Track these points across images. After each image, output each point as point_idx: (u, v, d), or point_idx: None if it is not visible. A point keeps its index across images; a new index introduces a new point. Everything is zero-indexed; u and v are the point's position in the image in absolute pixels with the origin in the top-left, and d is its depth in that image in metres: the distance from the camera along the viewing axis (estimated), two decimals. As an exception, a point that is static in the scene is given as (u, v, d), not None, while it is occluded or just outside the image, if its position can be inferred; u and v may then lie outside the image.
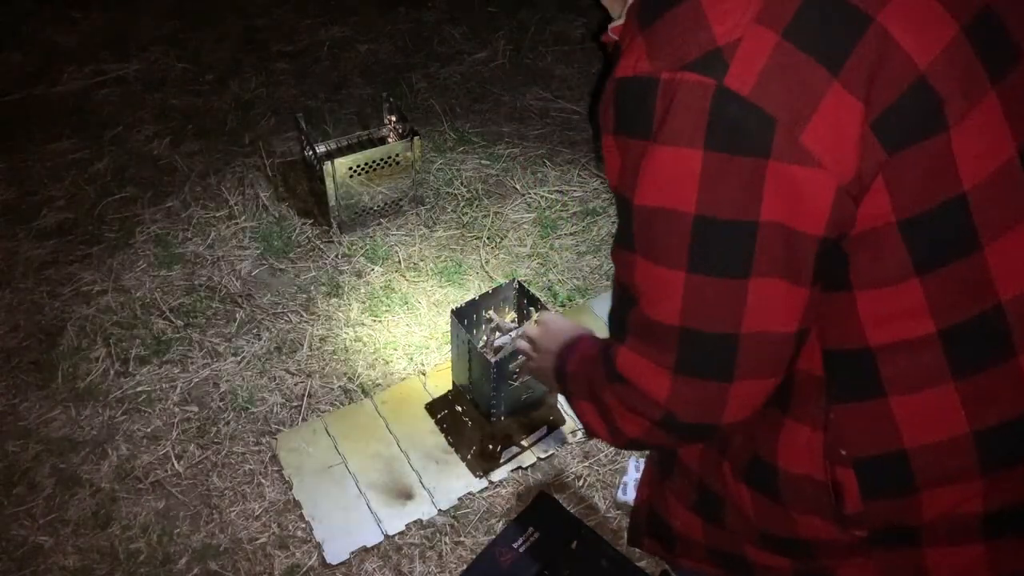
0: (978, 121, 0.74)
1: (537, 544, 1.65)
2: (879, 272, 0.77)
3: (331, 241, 2.32)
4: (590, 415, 0.97)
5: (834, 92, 0.71)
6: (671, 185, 0.75)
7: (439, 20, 3.22)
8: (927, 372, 0.79)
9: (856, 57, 0.71)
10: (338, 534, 1.70)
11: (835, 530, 0.89)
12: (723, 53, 0.71)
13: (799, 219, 0.73)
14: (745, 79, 0.70)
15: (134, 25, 3.18)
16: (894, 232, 0.75)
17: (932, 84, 0.72)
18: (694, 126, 0.72)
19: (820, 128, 0.71)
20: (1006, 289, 0.77)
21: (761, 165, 0.71)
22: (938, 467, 0.82)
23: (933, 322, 0.77)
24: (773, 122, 0.70)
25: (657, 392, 0.84)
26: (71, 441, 1.87)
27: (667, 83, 0.73)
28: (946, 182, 0.74)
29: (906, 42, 0.72)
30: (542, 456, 1.83)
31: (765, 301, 0.77)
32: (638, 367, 0.85)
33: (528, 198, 2.45)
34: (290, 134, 2.66)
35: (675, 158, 0.73)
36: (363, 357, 2.04)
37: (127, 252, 2.31)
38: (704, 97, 0.71)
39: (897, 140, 0.72)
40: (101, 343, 2.07)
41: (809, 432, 0.86)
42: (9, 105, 2.84)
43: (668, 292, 0.79)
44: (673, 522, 1.08)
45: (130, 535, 1.71)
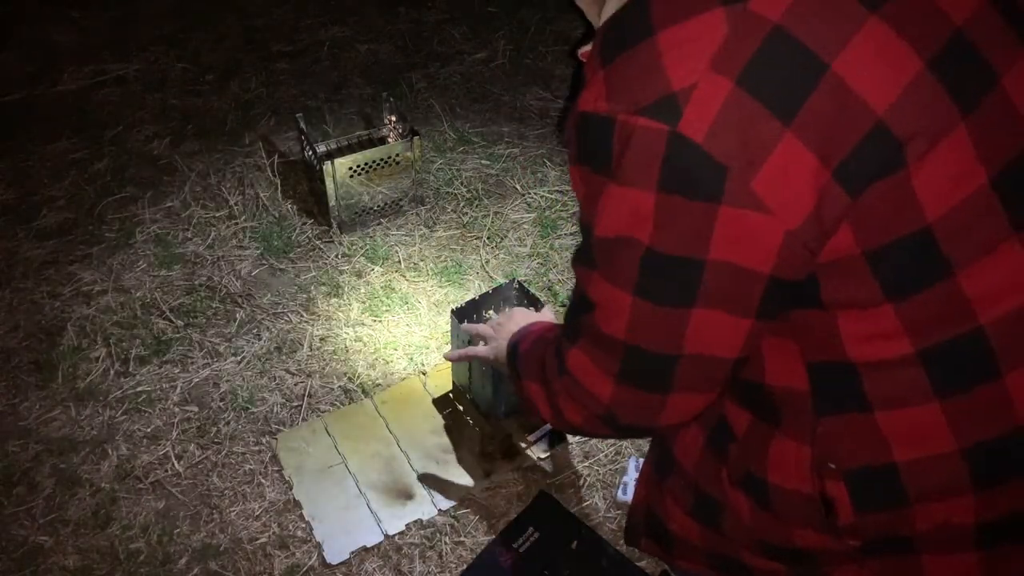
0: (942, 156, 0.74)
1: (537, 544, 1.65)
2: (851, 296, 0.77)
3: (331, 241, 2.32)
4: (537, 396, 1.03)
5: (786, 142, 0.71)
6: (627, 221, 0.77)
7: (439, 20, 3.22)
8: (909, 390, 0.79)
9: (810, 106, 0.71)
10: (338, 534, 1.70)
11: (829, 540, 0.89)
12: (677, 99, 0.71)
13: (746, 258, 0.75)
14: (698, 126, 0.71)
15: (134, 25, 3.19)
16: (861, 262, 0.75)
17: (890, 128, 0.72)
18: (648, 170, 0.73)
19: (770, 176, 0.71)
20: (986, 312, 0.77)
21: (712, 209, 0.73)
22: (928, 481, 0.82)
23: (911, 343, 0.78)
24: (725, 169, 0.71)
25: (600, 393, 0.90)
26: (71, 441, 1.87)
27: (623, 125, 0.74)
28: (908, 216, 0.74)
29: (862, 88, 0.72)
30: (542, 456, 1.83)
31: (706, 330, 0.80)
32: (586, 369, 0.90)
33: (528, 198, 2.46)
34: (290, 134, 2.66)
35: (631, 198, 0.76)
36: (363, 357, 2.04)
37: (127, 252, 2.31)
38: (658, 142, 0.72)
39: (858, 184, 0.72)
40: (101, 343, 2.07)
41: (796, 447, 0.87)
42: (9, 105, 2.84)
43: (617, 310, 0.83)
44: (670, 525, 1.08)
45: (130, 535, 1.71)
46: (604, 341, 0.86)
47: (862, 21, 0.73)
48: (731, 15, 0.72)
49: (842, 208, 0.73)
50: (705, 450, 0.99)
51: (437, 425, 1.89)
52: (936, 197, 0.74)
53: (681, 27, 0.73)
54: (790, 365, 0.84)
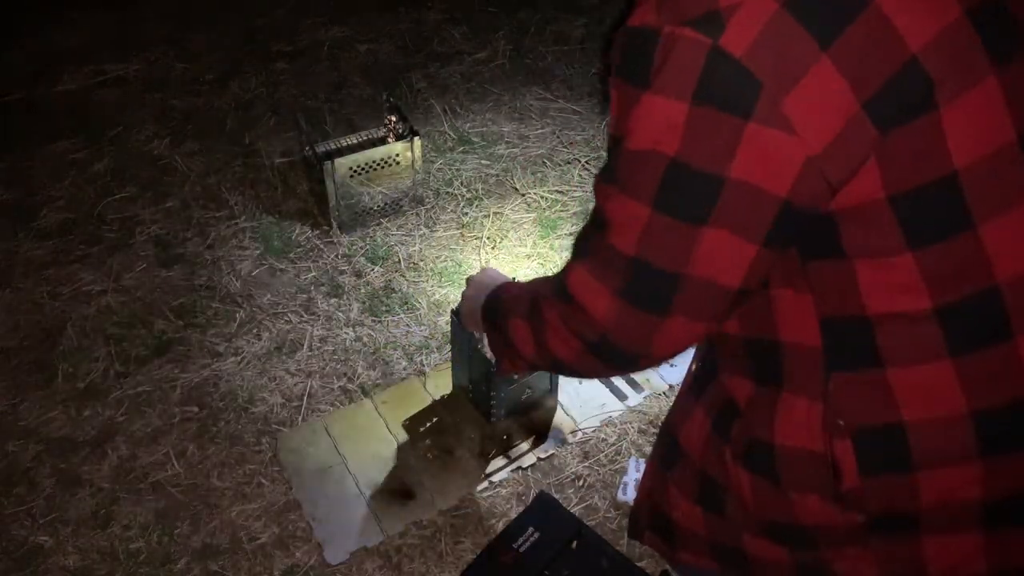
0: (973, 103, 0.76)
1: (537, 544, 1.65)
2: (872, 243, 0.79)
3: (331, 241, 2.32)
4: (521, 332, 1.03)
5: (821, 66, 0.73)
6: (658, 129, 0.79)
7: (439, 20, 3.22)
8: (923, 347, 0.81)
9: (849, 35, 0.73)
10: (338, 534, 1.70)
11: (833, 512, 0.89)
12: (722, 14, 0.74)
13: (765, 179, 0.77)
14: (739, 42, 0.74)
15: (134, 25, 3.19)
16: (884, 206, 0.77)
17: (924, 66, 0.74)
18: (686, 79, 0.76)
19: (801, 98, 0.74)
20: (1003, 270, 0.79)
21: (741, 125, 0.75)
22: (936, 444, 0.82)
23: (929, 298, 0.79)
24: (760, 86, 0.74)
25: (598, 312, 0.89)
26: (71, 441, 1.87)
27: (668, 36, 0.76)
28: (936, 160, 0.76)
29: (902, 23, 0.74)
30: (542, 456, 1.83)
31: (715, 250, 0.81)
32: (588, 286, 0.90)
33: (528, 198, 2.46)
34: (290, 134, 2.66)
35: (665, 107, 0.78)
36: (363, 357, 2.04)
37: (127, 252, 2.31)
38: (699, 53, 0.75)
39: (888, 119, 0.74)
40: (101, 343, 2.07)
41: (807, 403, 0.87)
42: (9, 105, 2.84)
43: (631, 223, 0.84)
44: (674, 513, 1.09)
45: (130, 535, 1.71)
46: (612, 256, 0.86)
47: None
48: None
49: (869, 142, 0.75)
50: (711, 434, 1.00)
51: (437, 425, 1.89)
52: (965, 144, 0.76)
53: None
54: (803, 320, 0.85)
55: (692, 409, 1.05)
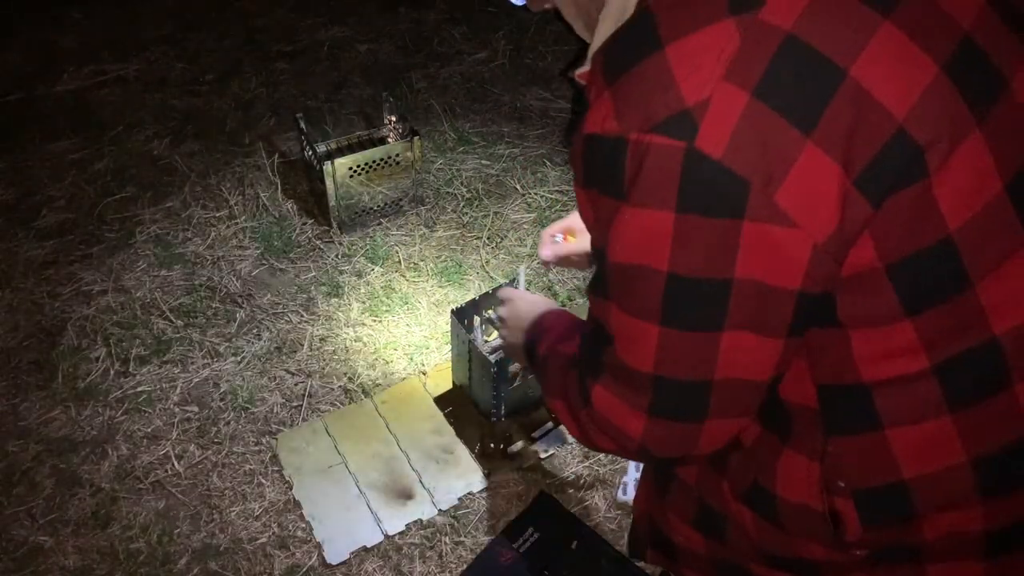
0: (961, 162, 0.72)
1: (537, 544, 1.65)
2: (869, 313, 0.76)
3: (331, 241, 2.32)
4: (564, 416, 0.98)
5: (808, 152, 0.69)
6: (644, 245, 0.74)
7: (439, 20, 3.22)
8: (923, 406, 0.78)
9: (830, 115, 0.69)
10: (338, 534, 1.70)
11: (837, 554, 0.88)
12: (692, 114, 0.69)
13: (774, 276, 0.73)
14: (716, 141, 0.69)
15: (134, 25, 3.18)
16: (881, 276, 0.74)
17: (911, 134, 0.71)
18: (666, 189, 0.71)
19: (794, 188, 0.69)
20: (1000, 322, 0.76)
21: (736, 225, 0.70)
22: (937, 495, 0.81)
23: (927, 358, 0.76)
24: (747, 184, 0.69)
25: (632, 431, 0.85)
26: (71, 441, 1.87)
27: (636, 144, 0.71)
28: (930, 226, 0.73)
29: (882, 94, 0.70)
30: (542, 456, 1.83)
31: (738, 353, 0.77)
32: (614, 407, 0.86)
33: (528, 198, 2.45)
34: (290, 134, 2.66)
35: (648, 220, 0.73)
36: (363, 357, 2.04)
37: (127, 252, 2.31)
38: (675, 160, 0.70)
39: (880, 193, 0.71)
40: (101, 343, 2.07)
41: (806, 463, 0.85)
42: (9, 105, 2.84)
43: (642, 342, 0.79)
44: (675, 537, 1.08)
45: (130, 535, 1.71)
46: (630, 375, 0.82)
47: (876, 26, 0.71)
48: (742, 25, 0.70)
49: (864, 218, 0.71)
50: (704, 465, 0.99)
51: (437, 425, 1.89)
52: (957, 205, 0.73)
53: (690, 39, 0.70)
54: (800, 383, 0.82)
55: None
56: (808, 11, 0.71)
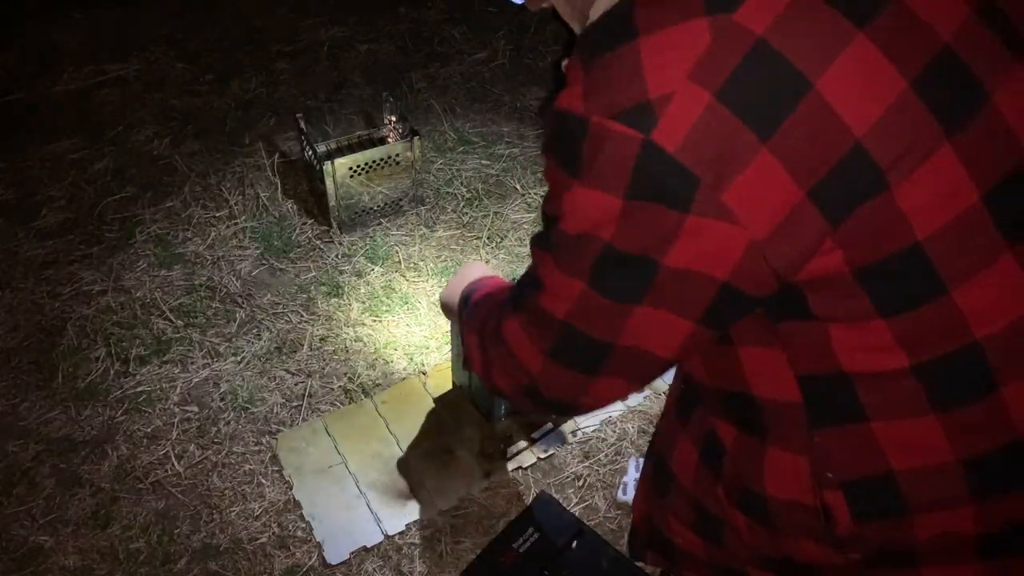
0: (929, 174, 0.73)
1: (537, 544, 1.65)
2: (842, 311, 0.76)
3: (331, 241, 2.32)
4: (473, 348, 1.04)
5: (761, 159, 0.70)
6: (592, 220, 0.77)
7: (439, 20, 3.22)
8: (906, 403, 0.79)
9: (788, 126, 0.70)
10: (338, 534, 1.70)
11: (831, 553, 0.88)
12: (653, 107, 0.70)
13: (704, 264, 0.75)
14: (672, 136, 0.70)
15: (134, 25, 3.18)
16: (850, 279, 0.74)
17: (869, 152, 0.71)
18: (618, 175, 0.73)
19: (741, 190, 0.71)
20: (981, 328, 0.76)
21: (679, 218, 0.72)
22: (927, 490, 0.81)
23: (906, 357, 0.77)
24: (697, 181, 0.71)
25: (530, 365, 0.91)
26: (71, 441, 1.87)
27: (596, 127, 0.73)
28: (897, 234, 0.73)
29: (844, 109, 0.71)
30: (542, 456, 1.83)
31: (648, 326, 0.80)
32: (519, 340, 0.91)
33: (528, 198, 2.45)
34: (290, 134, 2.66)
35: (597, 199, 0.75)
36: (363, 357, 2.04)
37: (127, 252, 2.31)
38: (631, 149, 0.71)
39: (837, 207, 0.72)
40: (101, 343, 2.07)
41: (793, 457, 0.86)
42: (9, 105, 2.84)
43: (563, 293, 0.83)
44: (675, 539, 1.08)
45: (130, 535, 1.71)
46: (543, 318, 0.86)
47: (849, 39, 0.72)
48: (715, 25, 0.70)
49: (818, 231, 0.72)
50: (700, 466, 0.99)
51: (437, 425, 1.89)
52: (925, 215, 0.73)
53: (664, 33, 0.72)
54: (779, 377, 0.83)
55: (678, 436, 1.04)
56: (783, 17, 0.71)
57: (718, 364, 0.88)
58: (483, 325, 1.02)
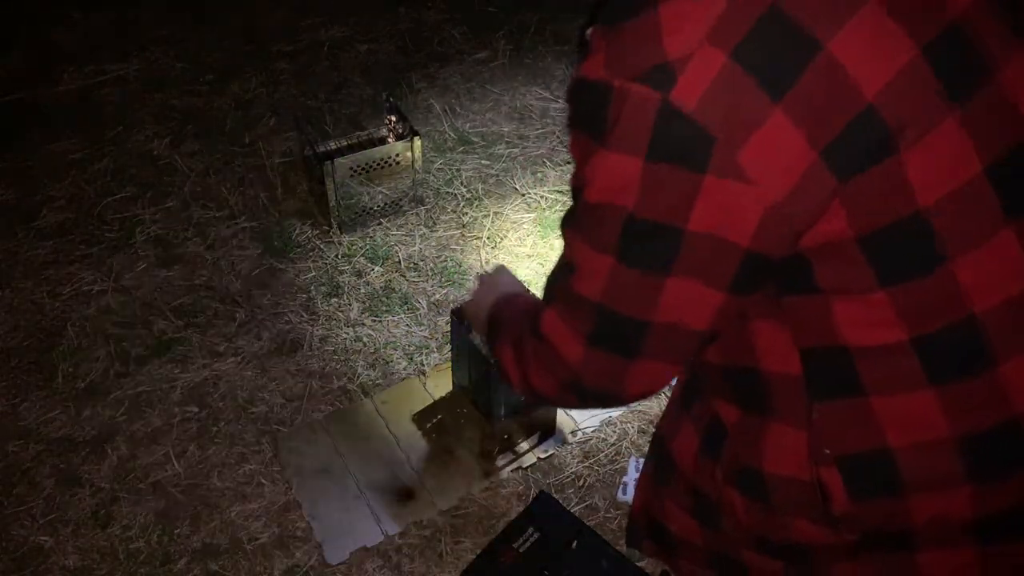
0: (935, 142, 0.75)
1: (537, 544, 1.65)
2: (844, 282, 0.78)
3: (331, 241, 2.32)
4: (508, 360, 1.04)
5: (775, 119, 0.72)
6: (614, 185, 0.79)
7: (439, 20, 3.22)
8: (904, 376, 0.80)
9: (801, 85, 0.72)
10: (338, 534, 1.70)
11: (826, 533, 0.89)
12: (672, 68, 0.73)
13: (726, 229, 0.76)
14: (689, 96, 0.73)
15: (134, 25, 3.19)
16: (854, 246, 0.76)
17: (880, 113, 0.73)
18: (639, 136, 0.75)
19: (757, 149, 0.73)
20: (980, 301, 0.77)
21: (698, 179, 0.74)
22: (924, 469, 0.82)
23: (905, 331, 0.78)
24: (712, 140, 0.73)
25: (570, 356, 0.91)
26: (71, 441, 1.87)
27: (618, 91, 0.75)
28: (901, 201, 0.75)
29: (855, 71, 0.73)
30: (542, 456, 1.83)
31: (680, 299, 0.81)
32: (558, 330, 0.91)
33: (528, 198, 2.46)
34: (290, 134, 2.66)
35: (620, 163, 0.77)
36: (363, 357, 2.04)
37: (127, 252, 2.31)
38: (650, 109, 0.74)
39: (847, 167, 0.73)
40: (101, 343, 2.07)
41: (793, 432, 0.87)
42: (9, 105, 2.84)
43: (595, 272, 0.84)
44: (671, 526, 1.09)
45: (130, 535, 1.71)
46: (579, 303, 0.87)
47: (860, 5, 0.74)
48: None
49: (829, 190, 0.74)
50: (700, 451, 1.00)
51: (437, 425, 1.89)
52: (929, 183, 0.75)
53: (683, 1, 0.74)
54: (784, 350, 0.85)
55: (681, 423, 1.05)
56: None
57: (731, 341, 0.89)
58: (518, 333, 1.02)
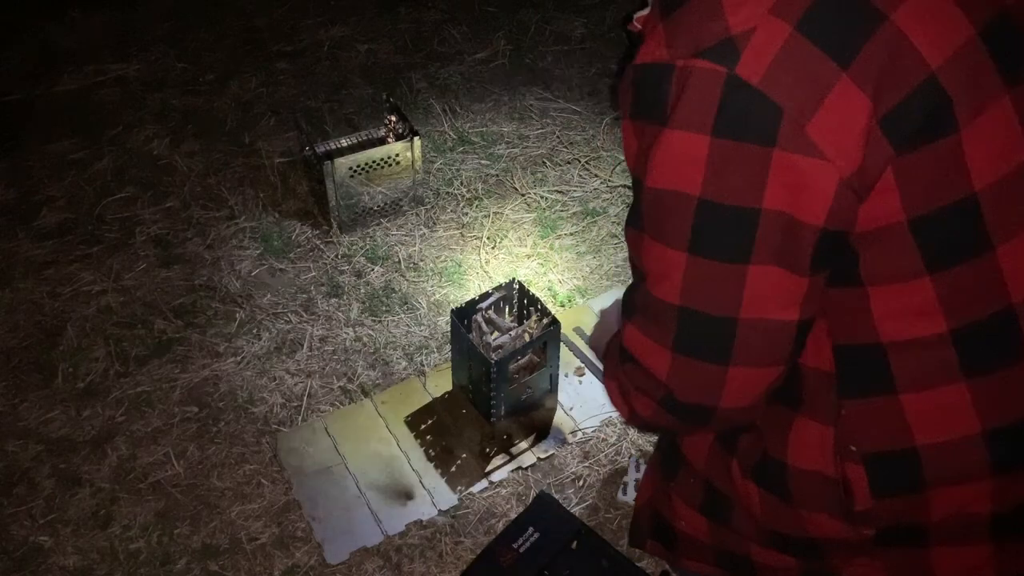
0: (990, 124, 0.75)
1: (537, 544, 1.65)
2: (890, 269, 0.77)
3: (331, 241, 2.32)
4: (614, 394, 1.00)
5: (842, 86, 0.71)
6: (679, 168, 0.76)
7: (439, 20, 3.22)
8: (938, 370, 0.79)
9: (867, 53, 0.72)
10: (338, 534, 1.70)
11: (844, 528, 0.89)
12: (736, 42, 0.72)
13: (800, 209, 0.74)
14: (755, 68, 0.72)
15: (134, 25, 3.18)
16: (904, 230, 0.75)
17: (943, 84, 0.73)
18: (704, 112, 0.74)
19: (826, 120, 0.72)
20: (1018, 291, 0.77)
21: (766, 153, 0.73)
22: (948, 466, 0.82)
23: (945, 321, 0.78)
24: (780, 111, 0.72)
25: (657, 369, 0.87)
26: (71, 441, 1.87)
27: (681, 70, 0.74)
28: (957, 182, 0.75)
29: (919, 41, 0.73)
30: (542, 456, 1.83)
31: (764, 288, 0.78)
32: (641, 343, 0.88)
33: (528, 198, 2.45)
34: (290, 134, 2.66)
35: (684, 142, 0.75)
36: (363, 357, 2.04)
37: (127, 252, 2.31)
38: (715, 84, 0.73)
39: (906, 138, 0.73)
40: (101, 343, 2.07)
41: (820, 428, 0.86)
42: (9, 105, 2.84)
43: (670, 271, 0.81)
44: (677, 523, 1.09)
45: (130, 535, 1.71)
46: (658, 309, 0.84)
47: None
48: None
49: (884, 158, 0.73)
50: (714, 445, 0.99)
51: (437, 425, 1.89)
52: (985, 166, 0.75)
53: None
54: (818, 346, 0.84)
55: None
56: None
57: None
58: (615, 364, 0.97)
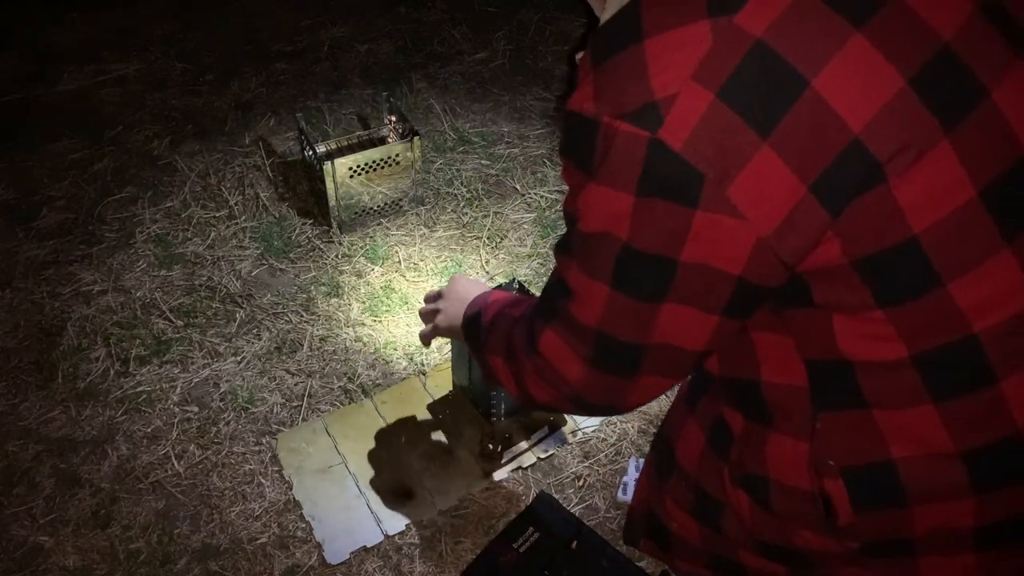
0: (926, 169, 0.74)
1: (537, 544, 1.65)
2: (842, 300, 0.78)
3: (331, 241, 2.32)
4: (502, 372, 1.05)
5: (762, 154, 0.72)
6: (607, 218, 0.80)
7: (439, 20, 3.22)
8: (905, 392, 0.80)
9: (788, 123, 0.72)
10: (338, 534, 1.70)
11: (829, 541, 0.89)
12: (659, 107, 0.73)
13: (718, 259, 0.77)
14: (677, 135, 0.73)
15: (134, 25, 3.19)
16: (849, 270, 0.77)
17: (867, 146, 0.73)
18: (628, 173, 0.76)
19: (745, 185, 0.73)
20: (979, 320, 0.77)
21: (688, 213, 0.75)
22: (928, 480, 0.82)
23: (905, 348, 0.78)
24: (702, 177, 0.73)
25: (570, 375, 0.92)
26: (71, 441, 1.87)
27: (606, 128, 0.76)
28: (893, 227, 0.75)
29: (840, 106, 0.73)
30: (542, 456, 1.83)
31: (675, 323, 0.83)
32: (558, 350, 0.93)
33: (528, 198, 2.46)
34: (290, 134, 2.66)
35: (610, 198, 0.78)
36: (363, 357, 2.04)
37: (127, 252, 2.31)
38: (639, 148, 0.74)
39: (837, 200, 0.74)
40: (101, 343, 2.07)
41: (793, 443, 0.87)
42: (9, 105, 2.84)
43: (591, 299, 0.85)
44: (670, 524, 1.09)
45: (130, 535, 1.71)
46: (577, 327, 0.89)
47: (845, 38, 0.74)
48: (716, 27, 0.73)
49: (821, 223, 0.74)
50: (706, 450, 1.00)
51: (437, 425, 1.89)
52: (921, 209, 0.75)
53: (668, 35, 0.74)
54: (787, 361, 0.85)
55: (686, 422, 1.05)
56: (781, 19, 0.73)
57: (732, 352, 0.89)
58: (508, 342, 1.03)
